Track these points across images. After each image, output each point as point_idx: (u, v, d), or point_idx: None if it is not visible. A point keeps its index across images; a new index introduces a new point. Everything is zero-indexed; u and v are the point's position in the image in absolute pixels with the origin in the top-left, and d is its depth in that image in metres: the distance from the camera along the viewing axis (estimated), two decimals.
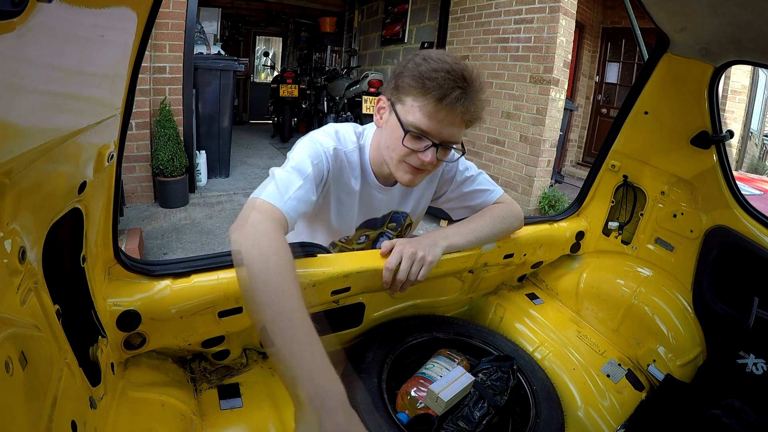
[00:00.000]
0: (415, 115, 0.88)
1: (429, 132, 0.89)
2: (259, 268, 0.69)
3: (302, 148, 0.95)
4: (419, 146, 0.91)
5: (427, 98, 0.86)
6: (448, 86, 0.84)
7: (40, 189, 0.48)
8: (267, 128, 8.06)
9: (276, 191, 0.83)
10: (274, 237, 0.74)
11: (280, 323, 0.65)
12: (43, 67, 0.40)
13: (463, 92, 0.85)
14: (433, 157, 0.91)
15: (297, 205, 0.84)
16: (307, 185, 0.88)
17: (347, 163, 1.01)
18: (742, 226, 1.12)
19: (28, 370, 0.42)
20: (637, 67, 6.15)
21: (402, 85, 0.90)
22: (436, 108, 0.86)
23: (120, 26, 0.57)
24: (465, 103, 0.86)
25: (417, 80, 0.87)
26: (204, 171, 4.21)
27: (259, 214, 0.78)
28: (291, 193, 0.84)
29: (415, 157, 0.92)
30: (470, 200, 1.15)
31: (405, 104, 0.90)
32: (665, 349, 1.14)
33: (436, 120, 0.87)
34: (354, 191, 1.04)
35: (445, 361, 1.02)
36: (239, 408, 0.84)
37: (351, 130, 1.05)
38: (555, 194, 4.02)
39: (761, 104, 6.03)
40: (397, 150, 0.93)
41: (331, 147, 0.97)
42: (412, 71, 0.88)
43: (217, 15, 6.09)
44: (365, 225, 1.12)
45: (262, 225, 0.76)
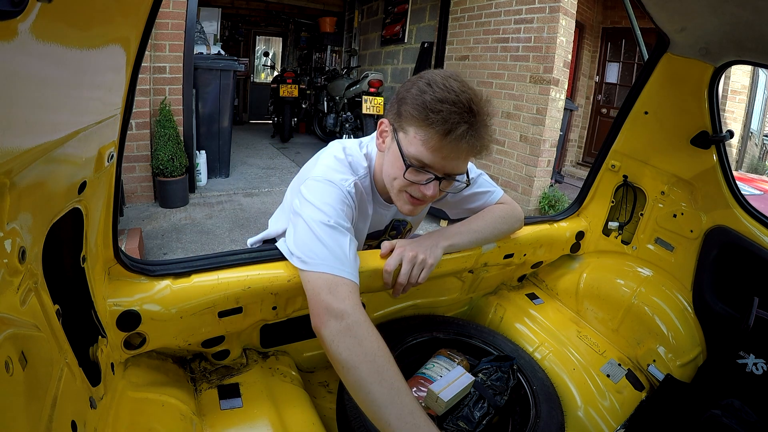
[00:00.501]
0: (417, 148, 0.83)
1: (432, 166, 0.85)
2: (369, 371, 0.68)
3: (327, 191, 0.87)
4: (421, 179, 0.87)
5: (430, 132, 0.81)
6: (454, 120, 0.79)
7: (40, 189, 0.48)
8: (267, 128, 8.06)
9: (334, 259, 0.78)
10: (371, 332, 0.72)
11: (405, 419, 0.65)
12: (43, 67, 0.40)
13: (470, 127, 0.80)
14: (435, 191, 0.87)
15: (356, 261, 0.82)
16: (350, 236, 0.84)
17: (364, 190, 0.98)
18: (742, 226, 1.12)
19: (28, 370, 0.42)
20: (637, 67, 6.15)
21: (405, 114, 0.85)
22: (441, 143, 0.81)
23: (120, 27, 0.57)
24: (471, 139, 0.81)
25: (420, 111, 0.81)
26: (204, 171, 4.21)
27: (351, 305, 0.74)
28: (349, 255, 0.80)
29: (417, 188, 0.88)
30: (471, 203, 1.15)
31: (407, 134, 0.85)
32: (665, 349, 1.14)
33: (441, 156, 0.83)
34: (368, 215, 1.03)
35: (445, 361, 1.02)
36: (239, 408, 0.84)
37: (359, 152, 1.00)
38: (555, 194, 4.02)
39: (761, 104, 6.02)
40: (398, 180, 0.89)
41: (351, 183, 0.92)
42: (416, 99, 0.83)
43: (217, 15, 6.08)
44: (370, 236, 1.12)
45: (356, 320, 0.72)
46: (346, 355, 0.69)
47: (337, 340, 0.70)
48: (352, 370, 0.68)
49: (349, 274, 0.77)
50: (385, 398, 0.66)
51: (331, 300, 0.73)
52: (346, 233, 0.82)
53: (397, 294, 0.95)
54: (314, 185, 0.89)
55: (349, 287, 0.76)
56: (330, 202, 0.85)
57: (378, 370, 0.68)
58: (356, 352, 0.69)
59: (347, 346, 0.69)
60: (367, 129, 5.10)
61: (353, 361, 0.68)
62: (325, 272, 0.76)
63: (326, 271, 0.76)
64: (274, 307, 0.89)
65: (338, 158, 0.96)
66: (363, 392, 0.67)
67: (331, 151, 0.98)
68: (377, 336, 0.72)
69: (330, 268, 0.77)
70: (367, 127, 5.08)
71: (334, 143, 1.02)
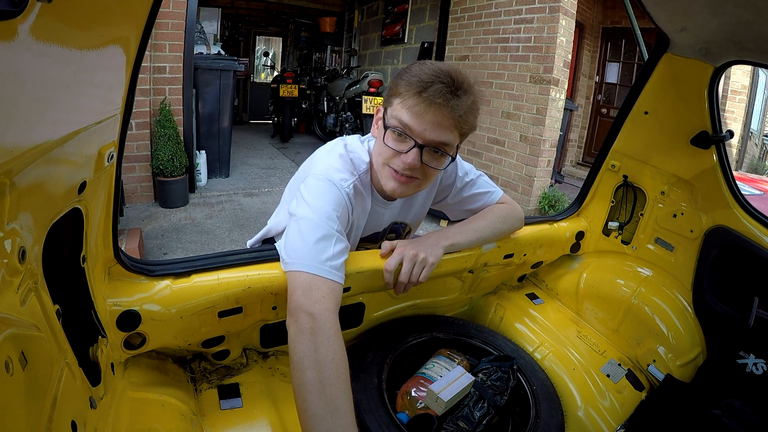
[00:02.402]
0: (399, 112, 0.86)
1: (411, 128, 0.84)
2: (314, 379, 0.66)
3: (323, 193, 0.87)
4: (402, 147, 0.87)
5: (408, 93, 0.84)
6: (429, 80, 0.82)
7: (40, 189, 0.48)
8: (267, 128, 8.06)
9: (315, 259, 0.77)
10: (332, 342, 0.70)
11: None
12: (43, 67, 0.40)
13: (446, 87, 0.81)
14: (415, 159, 0.86)
15: (341, 263, 0.80)
16: (342, 240, 0.83)
17: (364, 188, 0.98)
18: (742, 226, 1.12)
19: (28, 370, 0.42)
20: (637, 67, 6.15)
21: (391, 91, 0.89)
22: (416, 101, 0.83)
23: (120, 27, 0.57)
24: (447, 97, 0.81)
25: (403, 79, 0.86)
26: (204, 171, 4.21)
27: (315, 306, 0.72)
28: (334, 255, 0.79)
29: (398, 159, 0.87)
30: (471, 204, 1.14)
31: (392, 106, 0.88)
32: (665, 349, 1.14)
33: (417, 114, 0.83)
34: (366, 210, 1.02)
35: (445, 361, 1.02)
36: (239, 408, 0.84)
37: (362, 147, 1.01)
38: (555, 194, 4.02)
39: (761, 104, 6.02)
40: (382, 152, 0.90)
41: (350, 184, 0.92)
42: (402, 75, 0.87)
43: (217, 15, 6.08)
44: (368, 239, 1.12)
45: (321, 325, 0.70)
46: (298, 357, 0.68)
47: (296, 339, 0.70)
48: (299, 373, 0.67)
49: (329, 274, 0.76)
50: (319, 411, 0.63)
51: (303, 301, 0.72)
52: (334, 233, 0.81)
53: (398, 292, 0.95)
54: (313, 184, 0.89)
55: (326, 288, 0.75)
56: (324, 202, 0.85)
57: (322, 381, 0.65)
58: (308, 357, 0.67)
59: (302, 348, 0.68)
60: (367, 129, 5.10)
61: (302, 365, 0.67)
62: (303, 271, 0.76)
63: (305, 270, 0.76)
64: (274, 307, 0.89)
65: (341, 155, 0.97)
66: (301, 398, 0.65)
67: (334, 148, 0.98)
68: (337, 347, 0.70)
69: (309, 267, 0.76)
70: (367, 127, 5.08)
71: (335, 140, 1.03)
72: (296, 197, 0.89)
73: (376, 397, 0.87)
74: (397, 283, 0.93)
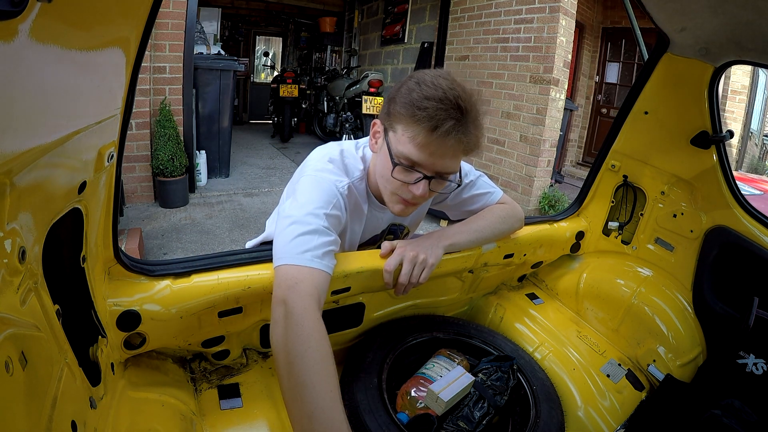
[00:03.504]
0: (405, 146, 0.83)
1: (420, 164, 0.83)
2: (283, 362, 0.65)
3: (314, 189, 0.87)
4: (410, 179, 0.85)
5: (417, 129, 0.80)
6: (440, 117, 0.78)
7: (40, 189, 0.48)
8: (267, 128, 8.05)
9: (299, 252, 0.76)
10: (304, 325, 0.68)
11: (302, 421, 0.60)
12: (43, 67, 0.40)
13: (457, 123, 0.79)
14: (424, 191, 0.86)
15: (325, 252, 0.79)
16: (328, 233, 0.82)
17: (358, 193, 0.97)
18: (742, 226, 1.12)
19: (28, 370, 0.42)
20: (637, 67, 6.15)
21: (393, 113, 0.85)
22: (427, 140, 0.80)
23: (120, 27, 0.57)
24: (458, 135, 0.80)
25: (408, 108, 0.81)
26: (204, 171, 4.21)
27: (292, 295, 0.71)
28: (319, 247, 0.78)
29: (406, 188, 0.87)
30: (471, 204, 1.14)
31: (396, 133, 0.85)
32: (665, 349, 1.14)
33: (428, 152, 0.82)
34: (363, 218, 1.02)
35: (445, 361, 1.02)
36: (239, 408, 0.84)
37: (356, 154, 1.00)
38: (555, 194, 4.02)
39: (761, 104, 6.02)
40: (389, 182, 0.88)
41: (345, 184, 0.92)
42: (404, 98, 0.83)
43: (217, 15, 6.08)
44: (367, 242, 1.12)
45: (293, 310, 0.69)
46: (273, 346, 0.69)
47: (271, 331, 0.70)
48: (275, 362, 0.68)
49: (308, 262, 0.75)
50: (289, 393, 0.63)
51: (285, 292, 0.72)
52: (319, 228, 0.80)
53: (399, 293, 0.95)
54: (306, 182, 0.89)
55: (302, 275, 0.74)
56: (313, 198, 0.85)
57: (290, 362, 0.64)
58: (279, 343, 0.67)
59: (275, 337, 0.68)
60: (366, 129, 5.10)
61: (275, 352, 0.68)
62: (283, 264, 0.75)
63: (284, 263, 0.75)
64: None
65: (334, 160, 0.96)
66: (279, 381, 0.66)
67: (328, 152, 0.97)
68: (307, 327, 0.68)
69: (288, 260, 0.75)
70: (367, 127, 5.08)
71: (330, 144, 1.01)
72: (290, 197, 0.89)
73: (376, 397, 0.87)
74: (397, 284, 0.93)
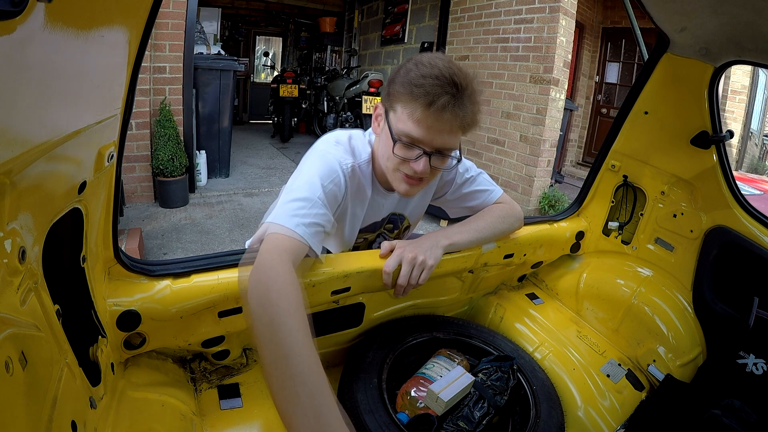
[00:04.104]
0: (404, 123, 0.86)
1: (420, 140, 0.87)
2: (259, 303, 0.63)
3: (316, 163, 0.90)
4: (411, 155, 0.88)
5: (415, 105, 0.84)
6: (436, 92, 0.82)
7: (40, 189, 0.48)
8: (267, 128, 8.05)
9: (286, 214, 0.78)
10: (280, 269, 0.68)
11: (278, 364, 0.57)
12: (43, 67, 0.40)
13: (452, 98, 0.83)
14: (425, 166, 0.88)
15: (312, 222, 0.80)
16: (321, 206, 0.83)
17: (363, 176, 0.99)
18: (742, 226, 1.12)
19: (28, 370, 0.42)
20: (637, 67, 6.15)
21: (393, 93, 0.89)
22: (424, 114, 0.84)
23: (120, 26, 0.57)
24: (454, 109, 0.83)
25: (406, 87, 0.85)
26: (204, 171, 4.21)
27: (266, 245, 0.73)
28: (306, 215, 0.79)
29: (408, 165, 0.90)
30: (470, 201, 1.15)
31: (396, 112, 0.88)
32: (665, 349, 1.14)
33: (425, 127, 0.85)
34: (366, 202, 1.03)
35: (445, 361, 1.02)
36: (239, 408, 0.84)
37: (363, 139, 1.03)
38: (555, 194, 4.02)
39: (761, 104, 6.02)
40: (391, 160, 0.91)
41: (349, 164, 0.95)
42: (402, 78, 0.86)
43: (217, 15, 6.08)
44: (367, 229, 1.12)
45: (269, 256, 0.70)
46: (243, 286, 0.71)
47: (244, 272, 0.71)
48: (245, 302, 0.67)
49: (294, 226, 0.77)
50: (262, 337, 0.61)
51: (263, 244, 0.74)
52: (314, 198, 0.83)
53: (398, 294, 0.95)
54: (311, 158, 0.92)
55: (288, 242, 0.75)
56: (314, 172, 0.88)
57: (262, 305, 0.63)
58: (251, 287, 0.66)
59: (249, 278, 0.67)
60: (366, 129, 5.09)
61: (245, 294, 0.67)
62: (275, 222, 0.77)
63: (276, 221, 0.77)
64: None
65: (341, 142, 1.00)
66: (250, 328, 0.63)
67: (336, 136, 1.01)
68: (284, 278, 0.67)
69: (280, 219, 0.77)
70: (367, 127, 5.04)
71: (339, 130, 1.04)
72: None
73: (376, 397, 0.87)
74: (396, 285, 0.93)
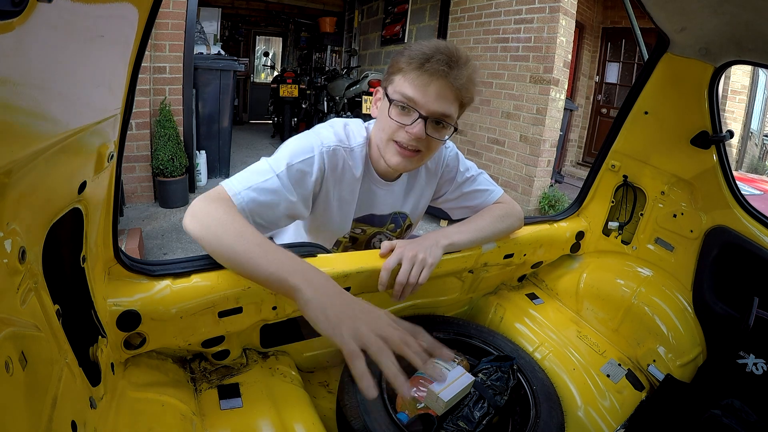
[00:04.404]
0: (400, 86, 0.90)
1: (415, 100, 0.89)
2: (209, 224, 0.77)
3: (293, 142, 0.96)
4: (407, 120, 0.91)
5: (409, 68, 0.89)
6: (430, 54, 0.87)
7: (40, 189, 0.48)
8: (267, 128, 8.05)
9: (236, 180, 0.87)
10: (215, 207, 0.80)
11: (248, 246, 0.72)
12: (43, 67, 0.40)
13: (447, 62, 0.86)
14: (420, 130, 0.90)
15: (255, 198, 0.86)
16: (275, 181, 0.89)
17: (350, 159, 1.00)
18: (742, 226, 1.12)
19: (28, 370, 0.42)
20: (637, 67, 6.15)
21: (391, 70, 0.94)
22: (419, 74, 0.87)
23: (120, 26, 0.57)
24: (449, 72, 0.87)
25: (403, 58, 0.90)
26: (204, 171, 4.21)
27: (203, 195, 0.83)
28: (254, 185, 0.87)
29: (403, 132, 0.91)
30: (470, 200, 1.15)
31: (393, 83, 0.93)
32: (665, 349, 1.14)
33: (420, 86, 0.88)
34: (356, 186, 1.03)
35: (445, 361, 1.02)
36: (239, 408, 0.84)
37: (361, 125, 1.06)
38: (555, 194, 4.02)
39: (761, 104, 6.02)
40: (386, 128, 0.93)
41: (332, 145, 0.96)
42: (401, 53, 0.92)
43: (217, 15, 6.08)
44: (363, 220, 1.11)
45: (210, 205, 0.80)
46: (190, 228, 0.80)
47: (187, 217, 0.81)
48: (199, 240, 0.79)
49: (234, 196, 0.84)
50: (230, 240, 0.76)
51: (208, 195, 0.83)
52: (272, 176, 0.89)
53: (396, 297, 0.94)
54: (295, 137, 0.98)
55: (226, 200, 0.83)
56: (286, 153, 0.93)
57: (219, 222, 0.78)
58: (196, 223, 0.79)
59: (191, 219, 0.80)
60: None
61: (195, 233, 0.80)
62: (222, 185, 0.86)
63: (223, 184, 0.86)
64: (274, 307, 0.89)
65: (335, 125, 1.02)
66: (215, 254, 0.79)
67: (333, 121, 1.04)
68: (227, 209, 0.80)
69: (226, 183, 0.86)
70: None
71: (338, 118, 1.07)
72: None
73: (376, 397, 0.87)
74: (395, 284, 0.92)
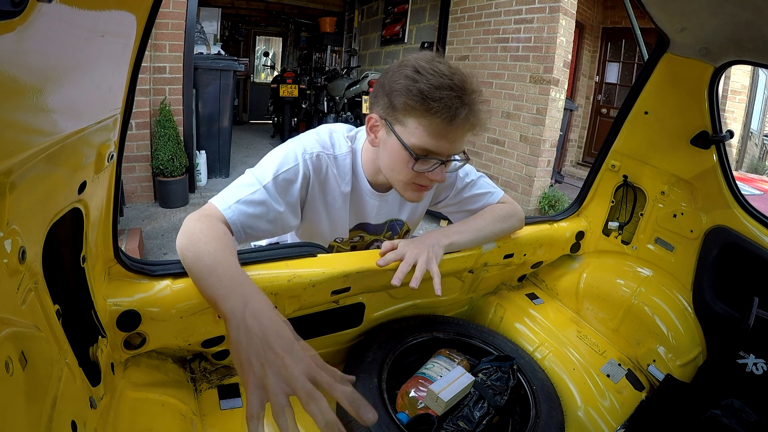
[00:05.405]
0: (421, 138, 0.84)
1: (438, 152, 0.87)
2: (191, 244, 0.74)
3: (277, 152, 0.93)
4: (428, 167, 0.88)
5: (433, 119, 0.82)
6: (456, 105, 0.81)
7: (40, 189, 0.48)
8: (267, 128, 8.06)
9: (225, 195, 0.86)
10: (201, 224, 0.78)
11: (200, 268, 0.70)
12: (43, 67, 0.40)
13: (470, 108, 0.83)
14: (443, 175, 0.90)
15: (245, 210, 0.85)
16: (262, 193, 0.87)
17: (335, 167, 0.98)
18: (742, 226, 1.12)
19: (28, 370, 0.42)
20: (637, 67, 6.15)
21: (399, 106, 0.84)
22: (447, 129, 0.83)
23: (120, 26, 0.57)
24: (472, 119, 0.85)
25: (418, 100, 0.81)
26: (204, 171, 4.21)
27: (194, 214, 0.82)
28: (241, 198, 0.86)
29: (424, 177, 0.90)
30: (471, 204, 1.14)
31: (407, 126, 0.85)
32: (665, 349, 1.14)
33: (446, 140, 0.85)
34: (345, 195, 1.01)
35: (445, 361, 1.02)
36: (239, 408, 0.84)
37: (344, 132, 1.03)
38: (555, 194, 4.02)
39: (761, 104, 6.02)
40: (403, 173, 0.90)
41: (315, 152, 0.94)
42: (410, 89, 0.82)
43: (217, 15, 6.08)
44: (359, 227, 1.11)
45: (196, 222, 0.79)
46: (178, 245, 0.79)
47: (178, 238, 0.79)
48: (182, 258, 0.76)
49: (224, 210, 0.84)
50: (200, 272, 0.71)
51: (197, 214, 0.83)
52: (257, 184, 0.88)
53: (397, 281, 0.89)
54: (278, 147, 0.95)
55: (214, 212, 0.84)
56: (270, 163, 0.91)
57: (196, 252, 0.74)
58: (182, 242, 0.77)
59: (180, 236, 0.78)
60: None
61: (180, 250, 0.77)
62: (211, 203, 0.86)
63: (212, 201, 0.86)
64: (274, 307, 0.89)
65: (319, 132, 1.00)
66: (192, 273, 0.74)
67: (317, 129, 1.02)
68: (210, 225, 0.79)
69: (215, 199, 0.86)
70: None
71: (323, 126, 1.05)
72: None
73: (376, 397, 0.87)
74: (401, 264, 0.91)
